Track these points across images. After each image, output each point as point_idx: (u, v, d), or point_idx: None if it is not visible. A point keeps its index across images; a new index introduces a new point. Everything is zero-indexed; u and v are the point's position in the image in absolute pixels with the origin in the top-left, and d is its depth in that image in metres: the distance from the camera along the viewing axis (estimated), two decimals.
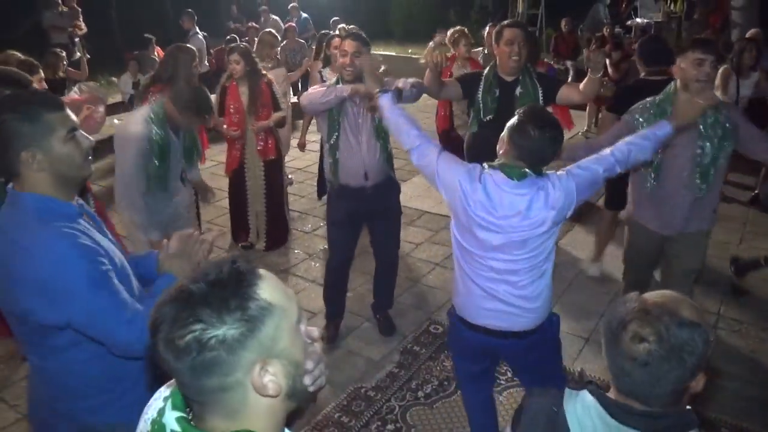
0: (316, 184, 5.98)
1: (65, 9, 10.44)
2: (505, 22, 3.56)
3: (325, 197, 4.43)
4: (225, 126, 4.60)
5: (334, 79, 3.37)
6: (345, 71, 3.19)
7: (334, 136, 3.30)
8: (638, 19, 10.76)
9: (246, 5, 15.17)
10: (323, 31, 7.01)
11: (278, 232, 4.97)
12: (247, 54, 4.47)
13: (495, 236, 2.14)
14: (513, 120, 2.14)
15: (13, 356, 3.56)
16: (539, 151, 2.09)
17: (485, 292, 2.24)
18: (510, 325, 2.27)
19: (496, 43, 3.46)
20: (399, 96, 3.02)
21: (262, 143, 4.64)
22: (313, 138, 7.29)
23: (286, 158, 5.77)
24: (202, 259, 1.80)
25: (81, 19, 10.58)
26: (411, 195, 5.98)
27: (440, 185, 2.24)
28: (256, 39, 9.55)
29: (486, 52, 6.87)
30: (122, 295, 1.57)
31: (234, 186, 4.88)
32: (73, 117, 1.60)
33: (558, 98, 3.44)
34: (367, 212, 3.51)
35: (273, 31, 6.89)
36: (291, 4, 11.83)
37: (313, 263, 4.71)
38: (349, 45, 3.17)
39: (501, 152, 2.19)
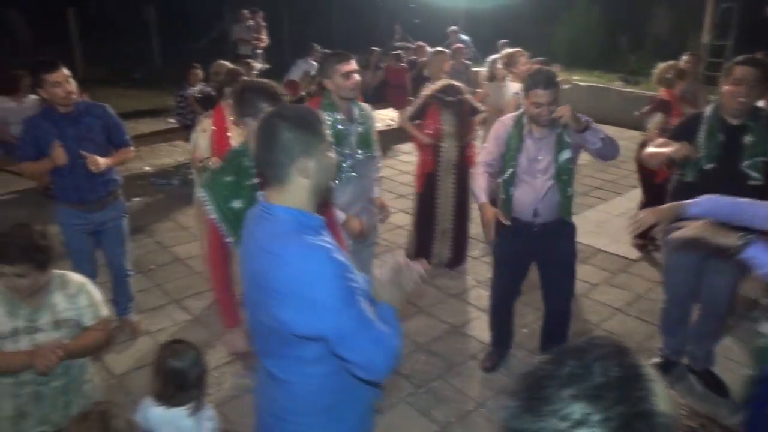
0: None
1: (252, 23, 11.32)
2: (739, 58, 3.16)
3: None
4: (419, 132, 4.68)
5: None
6: (541, 119, 3.04)
7: (509, 172, 3.19)
8: None
9: (407, 24, 15.54)
10: (493, 57, 6.93)
11: (460, 251, 4.93)
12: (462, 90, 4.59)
13: None
14: None
15: None
16: None
17: None
18: None
19: (723, 81, 3.12)
20: (584, 129, 2.91)
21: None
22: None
23: None
24: (412, 288, 1.76)
25: (265, 33, 11.42)
26: (583, 230, 5.54)
27: None
28: (424, 58, 9.75)
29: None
30: (368, 314, 1.56)
31: (422, 201, 4.84)
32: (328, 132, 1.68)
33: None
34: (535, 251, 3.34)
35: (445, 51, 6.88)
36: (450, 27, 11.89)
37: (483, 291, 4.55)
38: (542, 96, 2.96)
39: None
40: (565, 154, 3.10)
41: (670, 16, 14.16)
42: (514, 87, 5.65)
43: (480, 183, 3.30)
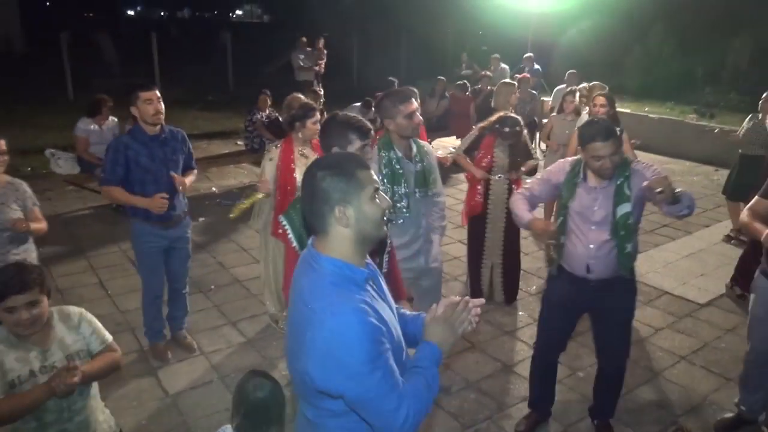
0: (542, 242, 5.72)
1: (309, 49, 11.70)
2: None
3: None
4: (471, 166, 4.59)
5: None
6: (604, 172, 2.82)
7: (560, 220, 3.01)
8: None
9: (475, 53, 15.55)
10: (560, 87, 6.82)
11: (513, 286, 4.84)
12: (522, 126, 4.53)
13: None
14: None
15: None
16: None
17: None
18: None
19: None
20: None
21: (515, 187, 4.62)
22: None
23: None
24: (466, 330, 1.71)
25: (324, 60, 11.77)
26: (647, 270, 5.42)
27: None
28: (489, 87, 9.71)
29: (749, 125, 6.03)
30: (394, 379, 1.53)
31: (472, 236, 4.81)
32: (375, 177, 1.65)
33: None
34: (588, 305, 3.13)
35: (513, 83, 6.83)
36: (525, 54, 11.81)
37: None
38: (602, 149, 2.75)
39: None
40: (625, 208, 2.85)
41: (750, 46, 13.55)
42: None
43: (520, 205, 3.11)
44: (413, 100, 3.17)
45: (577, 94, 6.50)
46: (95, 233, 6.11)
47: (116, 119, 6.79)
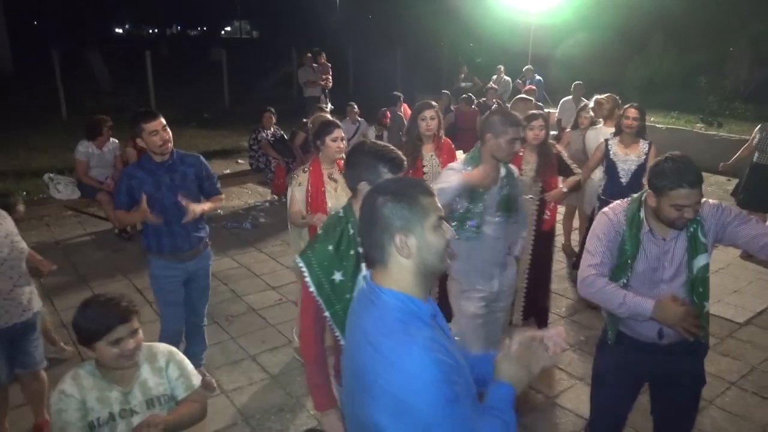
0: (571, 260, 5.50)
1: (316, 65, 11.48)
2: None
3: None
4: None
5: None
6: (682, 224, 2.33)
7: (623, 281, 2.44)
8: None
9: (469, 65, 15.43)
10: (584, 104, 6.64)
11: (539, 312, 4.55)
12: (547, 122, 4.26)
13: None
14: None
15: None
16: None
17: None
18: None
19: None
20: None
21: (548, 213, 4.33)
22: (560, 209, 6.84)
23: None
24: (543, 368, 1.60)
25: (330, 75, 11.56)
26: None
27: None
28: (495, 100, 9.56)
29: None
30: (471, 422, 1.40)
31: None
32: (440, 205, 1.53)
33: None
34: (651, 372, 2.65)
35: (530, 99, 6.66)
36: (525, 67, 11.70)
37: (574, 355, 4.20)
38: (688, 197, 2.23)
39: None
40: (702, 260, 2.37)
41: (749, 54, 13.54)
42: (604, 132, 5.36)
43: (614, 290, 2.35)
44: (522, 129, 3.04)
45: (591, 111, 6.31)
46: (98, 261, 5.82)
47: (117, 141, 6.52)
